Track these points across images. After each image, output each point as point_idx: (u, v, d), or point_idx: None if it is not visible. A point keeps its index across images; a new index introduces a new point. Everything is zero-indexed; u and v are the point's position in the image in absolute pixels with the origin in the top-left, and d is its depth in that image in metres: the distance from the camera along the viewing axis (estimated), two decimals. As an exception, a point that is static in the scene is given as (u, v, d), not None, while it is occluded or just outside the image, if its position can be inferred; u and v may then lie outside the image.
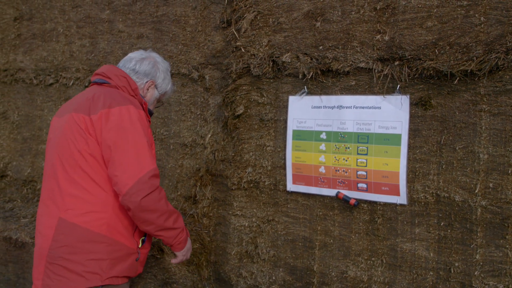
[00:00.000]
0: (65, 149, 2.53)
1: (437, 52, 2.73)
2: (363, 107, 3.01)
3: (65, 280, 2.45)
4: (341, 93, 3.10)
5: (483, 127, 2.67)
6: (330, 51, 3.10)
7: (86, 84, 4.59)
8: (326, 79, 3.15)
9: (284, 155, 3.34)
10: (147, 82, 2.86)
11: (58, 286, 2.45)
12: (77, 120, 2.51)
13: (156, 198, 2.45)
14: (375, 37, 2.94)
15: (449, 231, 2.79)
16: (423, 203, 2.86)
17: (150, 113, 2.87)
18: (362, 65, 2.98)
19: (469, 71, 2.63)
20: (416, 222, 2.89)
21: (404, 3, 2.84)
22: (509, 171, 2.60)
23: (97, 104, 2.51)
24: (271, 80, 3.37)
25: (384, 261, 2.99)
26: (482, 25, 2.61)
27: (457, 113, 2.74)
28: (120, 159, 2.42)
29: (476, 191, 2.69)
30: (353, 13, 3.02)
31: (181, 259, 2.85)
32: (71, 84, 4.71)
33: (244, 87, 3.47)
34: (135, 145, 2.45)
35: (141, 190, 2.40)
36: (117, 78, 2.71)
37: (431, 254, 2.84)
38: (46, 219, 2.53)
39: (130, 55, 2.91)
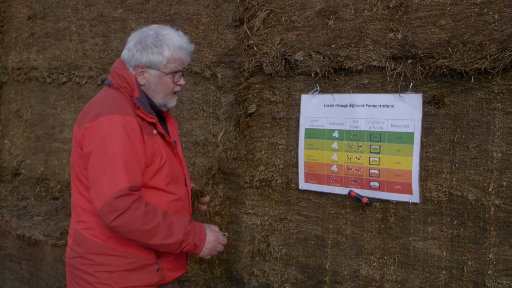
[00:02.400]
0: (72, 162, 2.52)
1: (450, 50, 2.72)
2: (375, 106, 3.01)
3: None
4: (354, 92, 3.10)
5: (497, 126, 2.66)
6: (342, 49, 3.09)
7: (99, 83, 4.62)
8: (338, 77, 3.15)
9: (296, 153, 3.34)
10: (135, 69, 2.52)
11: None
12: (75, 134, 2.47)
13: (128, 219, 2.22)
14: (388, 35, 2.94)
15: (462, 230, 2.78)
16: (436, 201, 2.85)
17: (157, 110, 2.56)
18: (375, 63, 2.98)
19: (482, 69, 2.62)
20: (429, 220, 2.88)
21: (417, 1, 2.83)
22: (523, 170, 2.59)
23: (86, 116, 2.40)
24: (284, 79, 3.37)
25: (396, 259, 2.99)
26: (496, 23, 2.60)
27: (470, 111, 2.73)
28: (94, 176, 2.28)
29: (489, 190, 2.68)
30: (366, 11, 3.01)
31: (207, 257, 2.59)
32: (84, 82, 4.74)
33: (256, 86, 3.47)
34: (111, 161, 2.25)
35: (110, 213, 2.20)
36: (118, 77, 2.51)
37: (444, 253, 2.83)
38: (69, 228, 2.57)
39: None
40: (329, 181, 3.20)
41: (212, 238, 2.53)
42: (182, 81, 2.56)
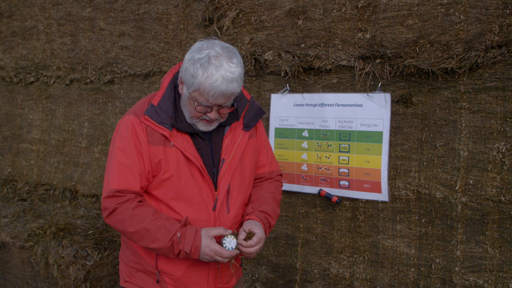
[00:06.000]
0: None
1: (418, 50, 2.75)
2: (345, 105, 3.02)
3: None
4: (323, 91, 3.11)
5: (463, 125, 2.69)
6: (312, 49, 3.10)
7: (68, 83, 4.56)
8: (308, 77, 3.16)
9: (267, 153, 3.34)
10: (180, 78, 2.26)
11: None
12: None
13: (115, 219, 2.20)
14: (357, 35, 2.95)
15: (430, 227, 2.81)
16: (404, 200, 2.88)
17: (181, 127, 2.26)
18: (344, 63, 3.00)
19: (449, 69, 2.65)
20: (398, 219, 2.91)
21: (385, 1, 2.85)
22: (489, 168, 2.63)
23: None
24: (253, 78, 3.36)
25: (366, 258, 3.01)
26: (462, 23, 2.63)
27: (437, 110, 2.76)
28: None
29: (456, 188, 2.71)
30: (334, 11, 3.02)
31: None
32: (52, 82, 4.66)
33: (226, 85, 3.46)
34: (112, 160, 2.23)
35: (103, 211, 2.23)
36: None
37: (412, 251, 2.86)
38: None
39: None
40: (299, 180, 3.20)
41: (206, 250, 2.18)
42: (212, 115, 2.20)
